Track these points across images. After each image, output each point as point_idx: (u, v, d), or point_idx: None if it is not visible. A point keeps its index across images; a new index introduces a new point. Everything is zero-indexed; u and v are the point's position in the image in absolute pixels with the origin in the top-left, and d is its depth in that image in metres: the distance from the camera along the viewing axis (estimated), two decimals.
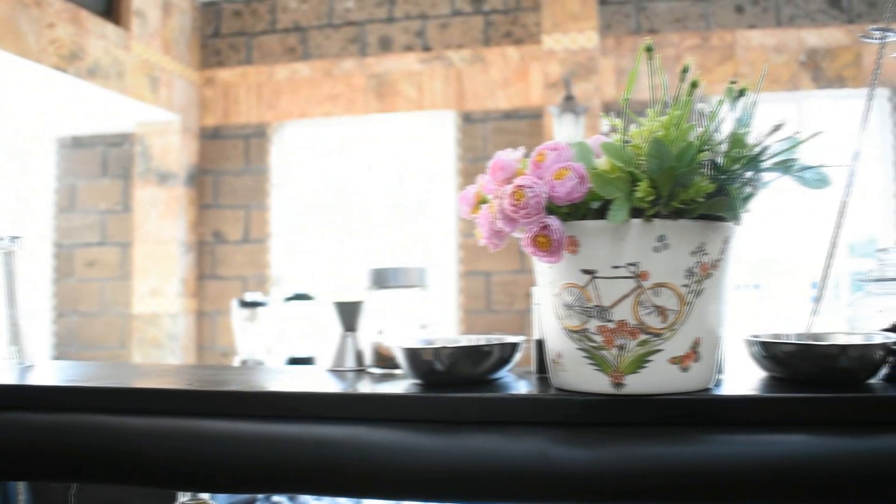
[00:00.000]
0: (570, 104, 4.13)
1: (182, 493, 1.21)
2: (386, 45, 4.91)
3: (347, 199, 5.06)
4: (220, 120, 5.08)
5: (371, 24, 4.95)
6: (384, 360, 1.11)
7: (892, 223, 4.51)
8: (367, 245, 5.00)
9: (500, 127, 4.69)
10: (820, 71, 4.53)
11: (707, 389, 0.87)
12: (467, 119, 4.75)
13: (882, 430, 0.82)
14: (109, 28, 4.36)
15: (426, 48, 4.86)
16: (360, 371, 1.15)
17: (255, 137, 5.05)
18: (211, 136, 5.10)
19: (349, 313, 1.16)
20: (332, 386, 1.02)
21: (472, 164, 4.64)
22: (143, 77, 4.57)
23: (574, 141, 0.85)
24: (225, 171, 5.07)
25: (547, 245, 0.80)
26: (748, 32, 4.61)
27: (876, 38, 0.99)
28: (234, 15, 5.15)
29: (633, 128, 0.84)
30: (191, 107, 5.02)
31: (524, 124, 4.65)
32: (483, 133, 4.72)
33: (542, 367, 1.02)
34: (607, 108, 4.34)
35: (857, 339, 0.93)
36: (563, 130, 4.06)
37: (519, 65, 4.70)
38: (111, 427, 0.97)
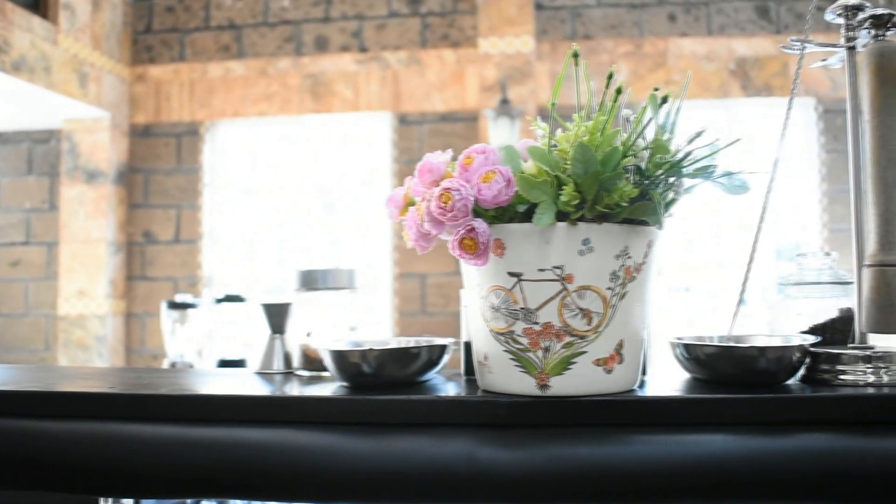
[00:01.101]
0: (505, 108, 4.16)
1: (105, 498, 1.18)
2: (322, 45, 4.88)
3: (281, 200, 5.01)
4: (151, 118, 4.98)
5: (307, 24, 4.91)
6: (312, 362, 1.10)
7: (817, 229, 4.65)
8: (301, 246, 4.95)
9: (436, 129, 4.70)
10: (749, 79, 4.65)
11: (631, 390, 0.89)
12: (403, 121, 4.74)
13: (798, 429, 0.84)
14: (36, 21, 4.23)
15: (363, 49, 4.84)
16: (288, 373, 1.14)
17: (188, 136, 4.96)
18: (142, 134, 5.00)
19: (277, 315, 1.15)
20: (259, 389, 1.01)
21: (407, 166, 4.64)
22: (71, 72, 4.45)
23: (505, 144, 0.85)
24: (156, 169, 4.97)
25: (473, 248, 0.80)
26: (680, 40, 4.71)
27: (795, 49, 1.01)
28: (167, 11, 5.06)
29: (560, 132, 0.85)
30: (121, 104, 4.91)
31: (460, 127, 4.66)
32: (419, 135, 4.72)
33: (470, 369, 1.02)
34: (543, 113, 4.38)
35: (775, 342, 0.96)
36: (499, 134, 4.08)
37: (455, 67, 4.72)
38: (32, 432, 0.94)
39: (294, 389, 0.99)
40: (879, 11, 0.94)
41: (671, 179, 0.82)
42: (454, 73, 4.71)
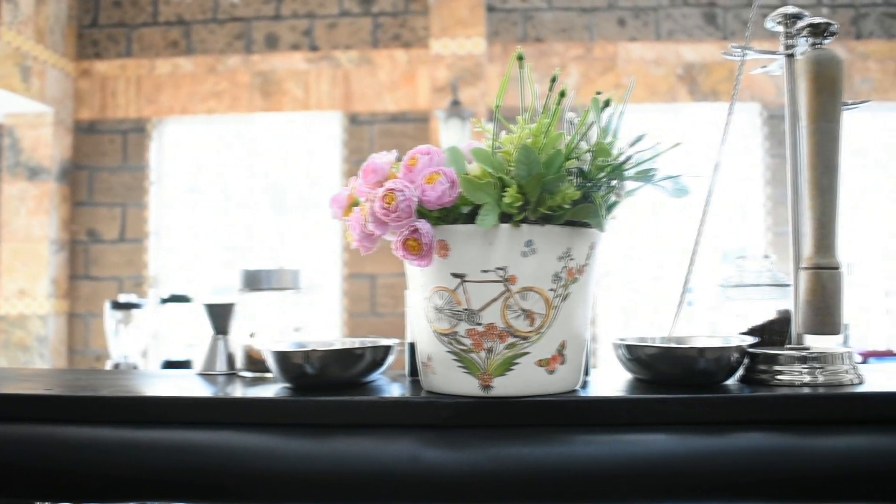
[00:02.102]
0: (456, 109, 4.17)
1: (42, 503, 1.16)
2: (272, 43, 4.83)
3: (230, 199, 4.95)
4: (96, 114, 4.89)
5: (257, 21, 4.86)
6: (256, 363, 1.09)
7: (762, 232, 4.74)
8: (249, 246, 4.90)
9: (387, 129, 4.69)
10: (696, 84, 4.72)
11: (573, 391, 0.90)
12: (354, 120, 4.72)
13: (736, 428, 0.86)
14: None
15: (313, 48, 4.81)
16: (231, 375, 1.13)
17: (134, 133, 4.88)
18: (86, 131, 4.90)
19: (220, 316, 1.14)
20: (201, 390, 1.00)
21: (357, 166, 4.60)
22: (12, 66, 4.35)
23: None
24: (101, 167, 4.88)
25: (417, 249, 0.80)
26: (629, 45, 4.76)
27: (736, 56, 1.03)
28: (114, 5, 4.97)
29: (505, 134, 0.86)
30: (65, 99, 4.81)
31: (411, 127, 4.66)
32: (369, 135, 4.70)
33: (414, 370, 1.02)
34: (494, 114, 4.40)
35: (715, 343, 0.98)
36: (450, 135, 4.09)
37: (407, 68, 4.71)
38: None
39: (237, 391, 0.98)
40: (817, 20, 0.96)
41: (613, 182, 0.83)
42: (405, 74, 4.71)
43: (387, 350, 0.98)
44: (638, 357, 0.93)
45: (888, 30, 4.82)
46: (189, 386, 1.03)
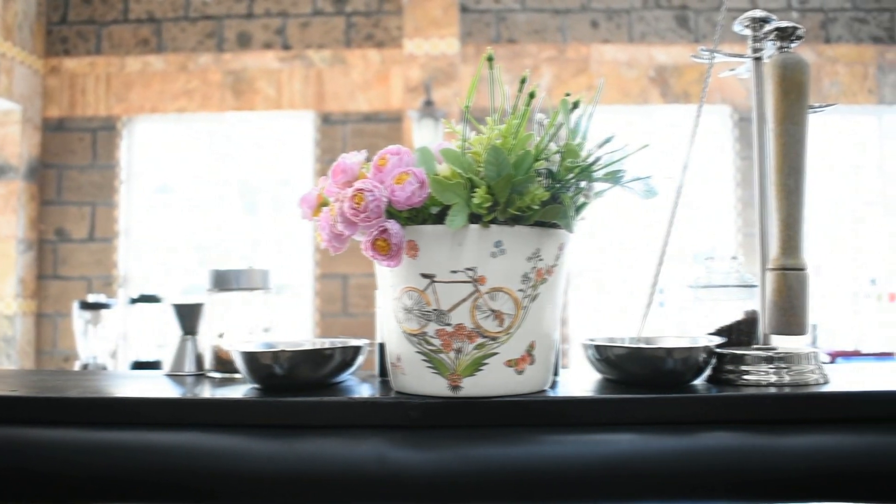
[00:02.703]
0: (429, 109, 4.17)
1: None
2: (244, 42, 4.81)
3: (200, 199, 4.91)
4: (65, 111, 4.83)
5: (229, 20, 4.83)
6: (224, 364, 1.08)
7: (732, 233, 4.79)
8: (220, 246, 4.87)
9: (360, 129, 4.68)
10: (668, 87, 4.76)
11: (542, 391, 0.90)
12: (326, 120, 4.71)
13: (704, 428, 0.87)
14: None
15: (286, 47, 4.79)
16: (200, 375, 1.12)
17: (104, 131, 4.82)
18: (55, 129, 4.83)
19: (188, 316, 1.13)
20: (169, 391, 0.99)
21: (329, 166, 4.59)
22: None
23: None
24: (70, 165, 4.82)
25: (386, 249, 0.80)
26: (602, 47, 4.79)
27: (705, 59, 1.04)
28: (84, 2, 4.91)
29: (475, 135, 0.86)
30: (33, 96, 4.75)
31: (384, 127, 4.65)
32: (342, 135, 4.69)
33: (385, 370, 1.02)
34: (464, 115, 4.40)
35: (682, 343, 0.98)
36: (423, 135, 4.09)
37: (380, 68, 4.70)
38: None
39: (205, 391, 0.98)
40: (784, 24, 0.97)
41: (582, 184, 0.83)
42: (379, 74, 4.70)
43: (356, 350, 0.98)
44: (607, 357, 0.94)
45: (856, 34, 4.89)
46: (157, 387, 1.02)
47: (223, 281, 1.09)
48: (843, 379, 0.98)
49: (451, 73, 4.56)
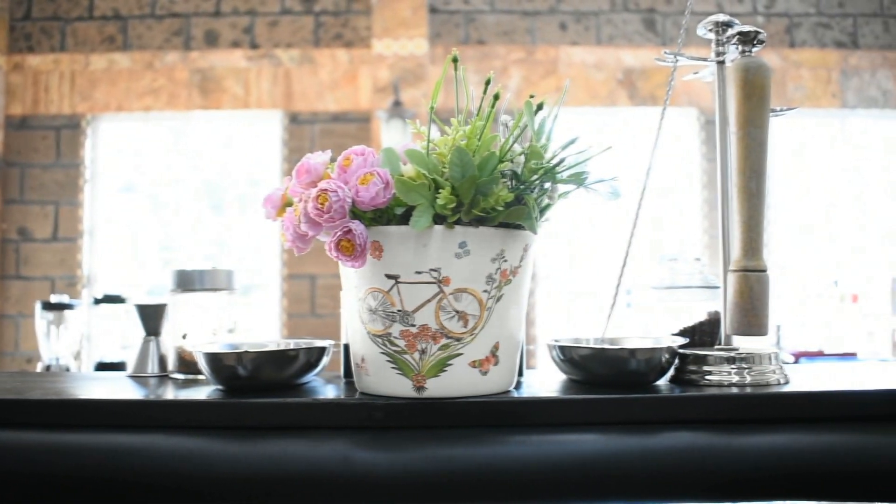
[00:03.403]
0: (398, 110, 4.16)
1: None
2: (212, 40, 4.77)
3: (167, 198, 4.87)
4: (28, 109, 4.75)
5: (196, 18, 4.79)
6: (188, 365, 1.07)
7: (699, 235, 4.83)
8: (187, 246, 4.83)
9: (328, 129, 4.66)
10: (635, 89, 4.79)
11: (507, 392, 0.90)
12: (294, 120, 4.68)
13: (667, 427, 0.87)
14: None
15: (254, 46, 4.76)
16: (163, 377, 1.11)
17: (68, 129, 4.76)
18: (18, 127, 4.76)
19: (151, 317, 1.12)
20: (132, 393, 0.98)
21: None
22: None
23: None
24: (33, 163, 4.75)
25: (350, 250, 0.80)
26: (570, 49, 4.81)
27: (669, 62, 1.05)
28: None
29: (440, 136, 0.86)
30: None
31: (352, 128, 4.64)
32: (310, 135, 4.67)
33: (349, 371, 1.02)
34: (436, 116, 4.41)
35: (646, 344, 0.99)
36: (391, 135, 4.08)
37: (349, 68, 4.69)
38: None
39: (168, 393, 0.97)
40: (746, 28, 0.99)
41: (546, 185, 0.84)
42: (347, 74, 4.68)
43: (321, 351, 0.98)
44: (571, 358, 0.94)
45: (820, 39, 4.96)
46: (119, 388, 1.01)
47: (186, 281, 1.08)
48: (804, 379, 0.99)
49: (420, 73, 4.56)
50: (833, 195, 5.15)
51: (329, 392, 0.93)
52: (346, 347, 1.01)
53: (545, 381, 1.00)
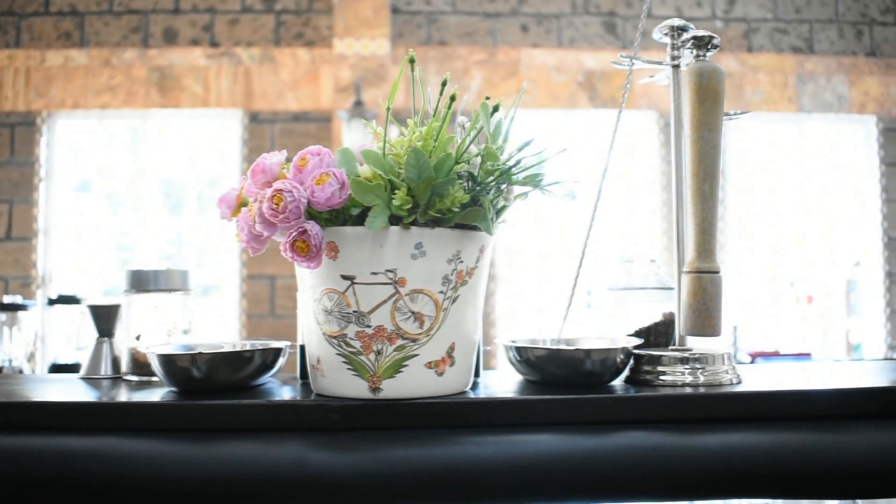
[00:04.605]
0: (359, 110, 4.15)
1: None
2: (171, 38, 4.71)
3: (124, 197, 4.80)
4: None
5: (155, 15, 4.73)
6: (142, 367, 1.06)
7: (658, 236, 4.88)
8: (144, 246, 4.76)
9: (289, 129, 4.63)
10: (596, 91, 4.83)
11: (463, 392, 0.90)
12: (255, 119, 4.65)
13: (621, 427, 0.88)
14: None
15: (214, 44, 4.71)
16: (117, 379, 1.09)
17: (22, 127, 4.67)
18: None
19: (104, 317, 1.10)
20: (83, 395, 0.97)
21: None
22: None
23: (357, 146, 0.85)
24: None
25: (306, 250, 0.79)
26: (532, 51, 4.84)
27: (624, 65, 1.06)
28: None
29: (397, 137, 0.86)
30: None
31: (313, 127, 4.61)
32: (271, 134, 4.63)
33: (305, 372, 1.01)
34: (397, 116, 4.41)
35: (601, 344, 1.00)
36: (353, 136, 4.07)
37: (310, 67, 4.66)
38: None
39: (121, 395, 0.95)
40: (700, 33, 1.00)
41: (502, 186, 0.84)
42: (308, 73, 4.66)
43: (277, 353, 0.97)
44: (527, 359, 0.95)
45: (777, 44, 5.04)
46: (72, 390, 1.00)
47: (141, 282, 1.06)
48: (756, 379, 1.01)
49: (382, 73, 4.55)
50: (790, 198, 5.24)
51: (285, 393, 0.92)
52: (303, 348, 1.01)
53: (502, 381, 1.01)
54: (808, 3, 5.09)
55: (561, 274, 4.81)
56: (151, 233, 4.78)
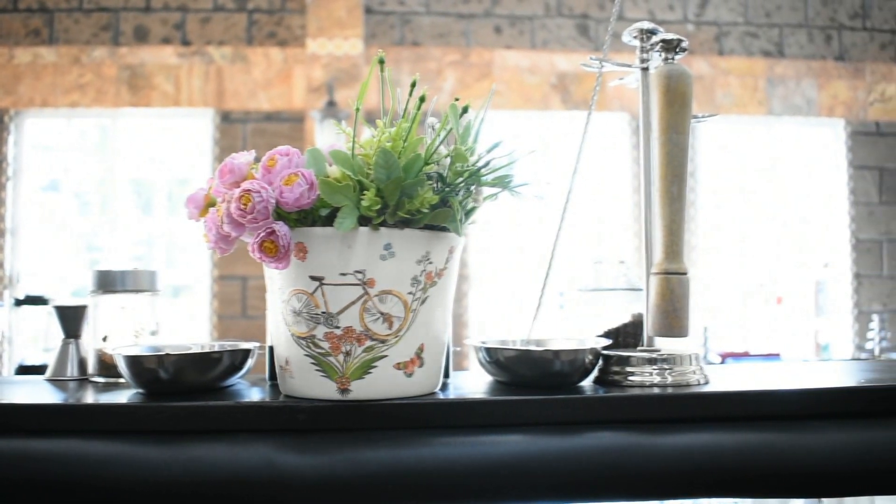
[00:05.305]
0: (332, 110, 4.14)
1: None
2: (142, 36, 4.67)
3: (94, 197, 4.75)
4: None
5: (126, 13, 4.68)
6: (109, 368, 1.05)
7: (630, 238, 4.91)
8: (114, 246, 4.72)
9: (261, 129, 4.61)
10: (568, 93, 4.85)
11: (432, 393, 0.90)
12: (226, 118, 4.62)
13: (590, 428, 0.88)
14: None
15: (185, 42, 4.67)
16: (83, 380, 1.08)
17: None
18: None
19: (71, 318, 1.09)
20: (49, 397, 0.95)
21: None
22: None
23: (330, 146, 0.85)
24: None
25: (274, 251, 0.79)
26: (505, 52, 4.85)
27: (594, 67, 1.06)
28: None
29: (365, 137, 0.85)
30: None
31: (286, 127, 4.59)
32: (243, 134, 4.61)
33: (274, 374, 1.01)
34: (370, 116, 4.40)
35: (570, 345, 1.00)
36: (325, 136, 4.06)
37: (282, 67, 4.64)
38: None
39: (87, 397, 0.94)
40: (669, 36, 1.00)
41: (472, 188, 0.84)
42: (281, 73, 4.64)
43: (246, 354, 0.96)
44: (497, 360, 0.95)
45: (748, 48, 5.09)
46: (37, 392, 0.98)
47: (108, 282, 1.05)
48: (724, 379, 1.02)
49: (355, 74, 4.54)
50: (760, 200, 5.29)
51: (253, 395, 0.92)
52: (272, 349, 1.00)
53: (471, 382, 1.01)
54: (778, 8, 5.15)
55: (534, 275, 4.83)
56: (121, 233, 4.73)
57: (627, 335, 1.10)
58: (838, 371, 1.17)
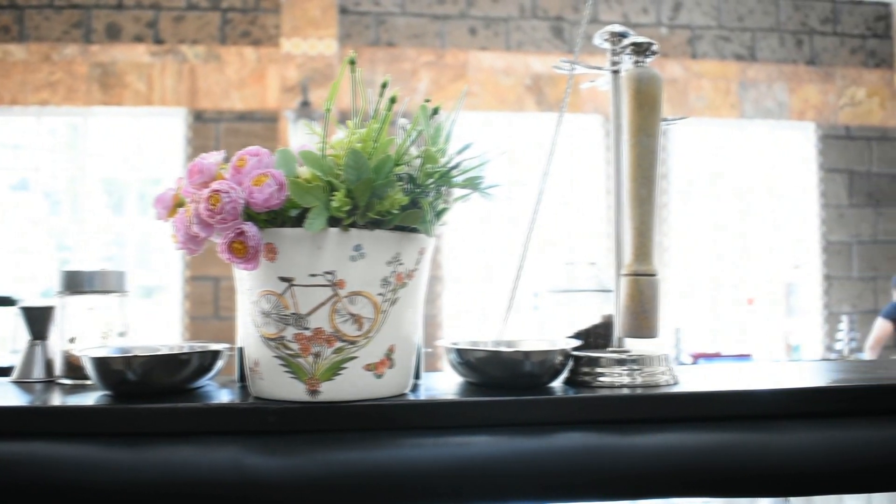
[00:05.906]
0: (305, 110, 4.12)
1: None
2: (114, 34, 4.62)
3: (64, 196, 4.70)
4: None
5: (98, 10, 4.64)
6: (76, 370, 1.04)
7: (603, 239, 4.94)
8: (85, 246, 4.67)
9: (234, 128, 4.58)
10: (543, 95, 4.87)
11: (402, 395, 0.90)
12: (199, 118, 4.58)
13: (560, 428, 0.89)
14: None
15: (158, 41, 4.64)
16: (50, 382, 1.07)
17: None
18: None
19: (37, 320, 1.08)
20: (15, 399, 0.94)
21: None
22: None
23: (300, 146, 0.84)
24: None
25: (243, 252, 0.78)
26: (480, 54, 4.86)
27: (565, 70, 1.07)
28: None
29: (337, 138, 0.85)
30: None
31: (259, 127, 4.57)
32: (216, 133, 4.58)
33: (244, 375, 1.00)
34: (344, 117, 4.38)
35: (540, 346, 1.01)
36: (299, 136, 4.04)
37: (256, 66, 4.62)
38: None
39: (54, 399, 0.93)
40: (640, 39, 1.01)
41: (442, 189, 0.84)
42: (254, 72, 4.61)
43: (215, 355, 0.96)
44: (467, 361, 0.95)
45: (720, 51, 5.14)
46: (2, 394, 0.97)
47: (75, 283, 1.04)
48: (693, 380, 1.02)
49: (329, 74, 4.52)
50: (732, 202, 5.34)
51: (222, 396, 0.91)
52: (241, 351, 1.00)
53: (442, 383, 1.01)
54: (750, 12, 5.20)
55: (507, 276, 4.84)
56: (92, 233, 4.68)
57: (598, 336, 1.11)
58: (808, 371, 1.18)
